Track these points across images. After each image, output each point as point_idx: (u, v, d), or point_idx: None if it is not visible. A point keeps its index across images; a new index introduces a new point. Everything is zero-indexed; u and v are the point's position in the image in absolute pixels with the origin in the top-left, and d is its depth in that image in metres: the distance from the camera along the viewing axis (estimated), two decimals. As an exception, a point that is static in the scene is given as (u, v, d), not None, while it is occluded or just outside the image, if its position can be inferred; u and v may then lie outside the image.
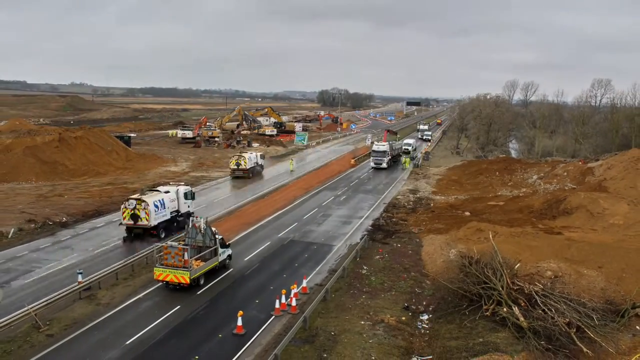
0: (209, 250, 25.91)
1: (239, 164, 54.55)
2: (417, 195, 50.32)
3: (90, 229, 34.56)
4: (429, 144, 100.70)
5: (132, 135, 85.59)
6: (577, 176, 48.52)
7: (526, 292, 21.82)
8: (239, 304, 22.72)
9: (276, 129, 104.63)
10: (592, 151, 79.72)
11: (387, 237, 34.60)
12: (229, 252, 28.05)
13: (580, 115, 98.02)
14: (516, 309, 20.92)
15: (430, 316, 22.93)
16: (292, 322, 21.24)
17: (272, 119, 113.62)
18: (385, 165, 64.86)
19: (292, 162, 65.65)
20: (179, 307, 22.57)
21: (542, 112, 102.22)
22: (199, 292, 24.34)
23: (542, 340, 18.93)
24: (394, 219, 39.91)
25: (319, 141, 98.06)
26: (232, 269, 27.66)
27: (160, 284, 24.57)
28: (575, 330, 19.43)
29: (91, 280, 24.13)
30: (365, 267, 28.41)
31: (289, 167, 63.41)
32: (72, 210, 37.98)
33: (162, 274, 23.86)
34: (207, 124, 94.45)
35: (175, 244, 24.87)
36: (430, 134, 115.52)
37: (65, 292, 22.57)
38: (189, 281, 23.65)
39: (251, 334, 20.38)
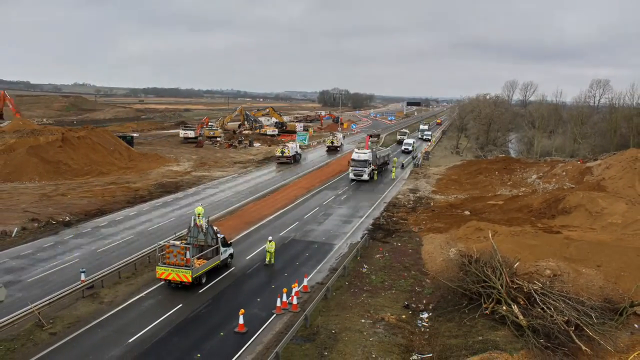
0: (210, 249, 26.11)
1: (283, 152, 66.86)
2: (417, 194, 50.49)
3: (93, 228, 34.67)
4: (429, 144, 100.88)
5: (134, 135, 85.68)
6: (575, 176, 48.64)
7: (525, 290, 21.96)
8: (241, 303, 22.87)
9: (277, 129, 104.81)
10: (591, 151, 79.95)
11: (388, 236, 34.76)
12: (231, 250, 28.32)
13: (578, 115, 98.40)
14: (515, 308, 21.07)
15: (430, 314, 23.07)
16: (293, 320, 21.38)
17: (274, 119, 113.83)
18: (366, 177, 55.83)
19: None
20: (181, 305, 22.70)
21: (541, 113, 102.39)
22: (200, 291, 24.48)
23: (541, 338, 19.06)
24: (394, 218, 40.06)
25: (319, 141, 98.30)
26: (233, 268, 27.82)
27: (162, 282, 24.69)
28: (574, 328, 19.56)
29: (94, 278, 24.26)
30: (365, 266, 28.58)
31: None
32: (75, 209, 38.08)
33: (164, 272, 24.01)
34: (209, 123, 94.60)
35: (177, 242, 25.01)
36: (430, 133, 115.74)
37: (68, 290, 22.72)
38: (191, 280, 23.80)
39: (252, 332, 20.52)
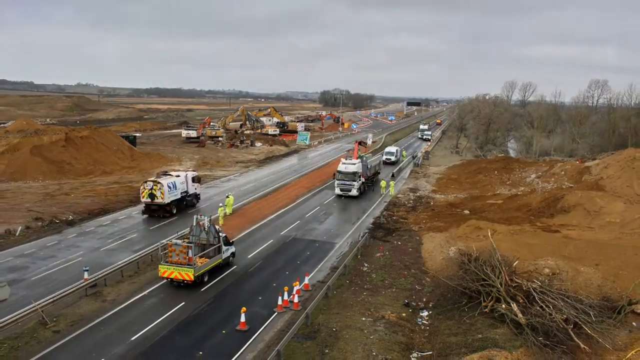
0: (212, 247, 26.20)
1: (153, 194, 37.65)
2: (417, 193, 50.67)
3: (96, 227, 34.80)
4: (429, 144, 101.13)
5: (137, 135, 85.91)
6: (574, 175, 48.77)
7: (524, 289, 22.10)
8: (243, 301, 22.98)
9: (279, 129, 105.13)
10: (589, 150, 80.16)
11: (388, 235, 34.92)
12: (233, 249, 28.43)
13: (577, 115, 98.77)
14: (514, 306, 21.23)
15: (430, 312, 23.23)
16: (294, 318, 21.53)
17: (275, 119, 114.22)
18: (355, 192, 45.92)
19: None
20: (183, 303, 22.84)
21: (540, 113, 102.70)
22: (203, 289, 24.63)
23: (540, 336, 19.20)
24: (395, 217, 40.22)
25: (320, 141, 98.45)
26: (235, 267, 27.96)
27: (164, 281, 24.84)
28: (572, 326, 19.71)
29: (97, 277, 24.41)
30: (366, 265, 28.74)
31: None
32: (79, 208, 38.24)
33: (166, 271, 24.15)
34: (211, 123, 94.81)
35: (179, 241, 25.18)
36: (430, 133, 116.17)
37: (71, 289, 22.85)
38: (193, 278, 23.94)
39: (254, 330, 20.64)
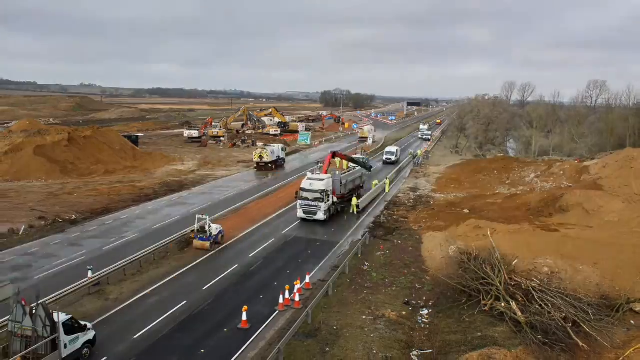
0: (42, 342, 16.62)
1: (262, 156, 60.86)
2: (417, 193, 50.84)
3: (99, 226, 34.91)
4: (429, 144, 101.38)
5: (139, 134, 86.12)
6: (573, 175, 48.92)
7: (523, 287, 22.32)
8: (244, 300, 23.12)
9: (280, 129, 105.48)
10: (588, 150, 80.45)
11: (388, 234, 35.09)
12: (89, 336, 18.54)
13: (576, 115, 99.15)
14: (514, 304, 21.43)
15: (430, 311, 23.38)
16: (295, 316, 21.68)
17: (276, 119, 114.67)
18: (321, 215, 36.76)
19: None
20: (185, 302, 22.98)
21: (539, 113, 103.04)
22: (204, 288, 24.80)
23: (539, 334, 19.42)
24: (395, 217, 40.38)
25: (321, 140, 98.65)
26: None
27: (167, 279, 25.16)
28: (571, 324, 19.93)
29: (100, 275, 24.54)
30: (366, 263, 28.91)
31: None
32: (82, 208, 38.37)
33: None
34: (213, 123, 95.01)
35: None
36: (430, 133, 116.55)
37: (74, 287, 23.01)
38: None
39: (256, 329, 20.81)
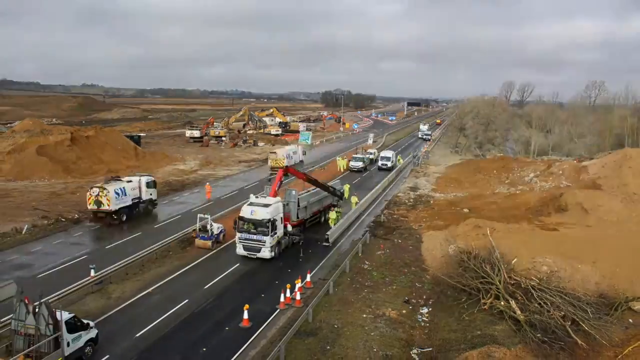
0: (46, 340, 16.64)
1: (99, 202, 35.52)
2: (418, 192, 50.95)
3: (101, 225, 34.95)
4: (428, 143, 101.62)
5: (141, 134, 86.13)
6: (572, 174, 49.10)
7: (523, 286, 22.49)
8: (245, 298, 23.22)
9: (281, 129, 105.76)
10: (587, 150, 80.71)
11: (389, 233, 35.19)
12: (91, 335, 18.75)
13: (575, 115, 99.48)
14: (513, 303, 21.60)
15: (430, 309, 23.52)
16: (296, 315, 21.81)
17: (277, 119, 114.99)
18: (268, 253, 28.32)
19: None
20: (187, 301, 23.11)
21: (538, 113, 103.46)
22: (206, 286, 24.95)
23: (538, 332, 19.60)
24: (395, 216, 40.47)
25: (322, 140, 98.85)
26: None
27: (169, 278, 25.31)
28: (570, 323, 20.11)
29: (103, 274, 24.65)
30: (367, 262, 29.02)
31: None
32: (84, 207, 38.09)
33: None
34: (215, 124, 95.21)
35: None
36: (430, 133, 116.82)
37: (77, 286, 23.09)
38: None
39: (257, 327, 20.93)
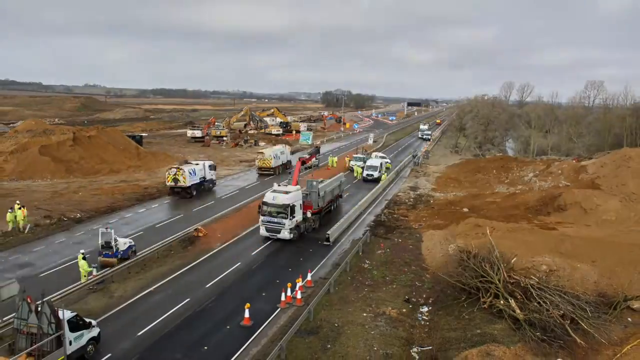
0: (48, 338, 16.63)
1: (176, 179, 43.75)
2: (418, 192, 51.12)
3: (103, 224, 34.77)
4: (428, 143, 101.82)
5: (143, 134, 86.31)
6: (571, 174, 49.19)
7: (522, 285, 22.53)
8: (246, 297, 23.37)
9: (282, 129, 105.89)
10: (586, 150, 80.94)
11: (389, 232, 35.36)
12: (93, 333, 18.80)
13: (574, 115, 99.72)
14: (512, 302, 21.68)
15: (430, 308, 23.65)
16: (297, 314, 21.95)
17: (278, 119, 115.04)
18: (287, 234, 31.87)
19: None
20: (188, 299, 23.24)
21: (537, 113, 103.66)
22: (207, 285, 25.08)
23: (537, 331, 19.67)
24: (395, 215, 40.63)
25: (323, 140, 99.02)
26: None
27: (171, 277, 25.47)
28: (569, 322, 20.15)
29: (105, 273, 24.79)
30: (367, 261, 29.16)
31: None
32: (87, 206, 38.50)
33: None
34: (216, 123, 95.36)
35: None
36: (430, 133, 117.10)
37: (79, 285, 23.27)
38: None
39: (258, 326, 21.07)
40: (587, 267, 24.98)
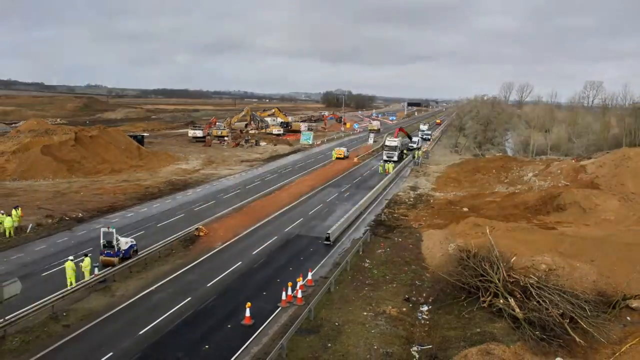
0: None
1: None
2: (418, 192, 51.27)
3: (105, 224, 34.85)
4: (428, 143, 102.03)
5: (145, 134, 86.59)
6: (570, 174, 49.32)
7: (522, 284, 22.60)
8: (247, 296, 23.42)
9: (283, 129, 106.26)
10: (585, 150, 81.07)
11: (389, 231, 35.49)
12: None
13: (573, 115, 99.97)
14: (512, 301, 21.75)
15: (430, 307, 23.73)
16: (297, 313, 22.01)
17: (279, 119, 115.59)
18: (396, 158, 70.93)
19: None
20: (189, 298, 23.31)
21: (537, 113, 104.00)
22: (208, 284, 25.19)
23: (536, 330, 19.72)
24: (395, 215, 40.77)
25: (323, 140, 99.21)
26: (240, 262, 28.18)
27: (172, 276, 25.60)
28: (568, 321, 20.19)
29: (106, 273, 24.88)
30: (367, 261, 29.26)
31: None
32: (88, 206, 38.62)
33: None
34: (217, 123, 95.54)
35: None
36: (430, 133, 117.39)
37: (81, 284, 23.31)
38: None
39: (259, 325, 21.12)
40: (586, 266, 25.08)
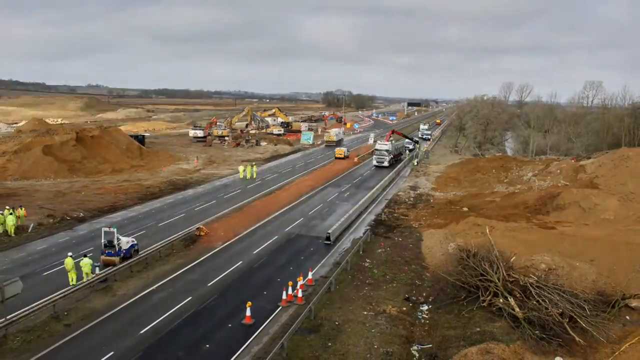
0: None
1: None
2: (418, 191, 51.33)
3: (106, 223, 34.83)
4: (428, 143, 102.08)
5: (146, 134, 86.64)
6: (569, 173, 49.37)
7: (521, 284, 22.71)
8: (248, 296, 23.46)
9: (283, 129, 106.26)
10: (584, 150, 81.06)
11: (389, 231, 35.56)
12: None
13: (572, 115, 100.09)
14: (512, 300, 21.85)
15: (429, 307, 23.82)
16: (298, 312, 22.09)
17: (279, 119, 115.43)
18: (386, 163, 67.79)
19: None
20: (190, 298, 23.39)
21: (537, 113, 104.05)
22: (209, 284, 25.27)
23: (536, 329, 19.84)
24: (396, 214, 40.84)
25: (323, 140, 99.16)
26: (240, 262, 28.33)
27: (172, 276, 25.69)
28: (568, 320, 20.29)
29: (107, 272, 24.95)
30: (368, 260, 29.34)
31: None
32: (89, 206, 38.66)
33: None
34: (218, 123, 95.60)
35: None
36: (430, 133, 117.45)
37: (82, 284, 23.37)
38: None
39: (259, 324, 21.21)
40: (585, 265, 25.14)
